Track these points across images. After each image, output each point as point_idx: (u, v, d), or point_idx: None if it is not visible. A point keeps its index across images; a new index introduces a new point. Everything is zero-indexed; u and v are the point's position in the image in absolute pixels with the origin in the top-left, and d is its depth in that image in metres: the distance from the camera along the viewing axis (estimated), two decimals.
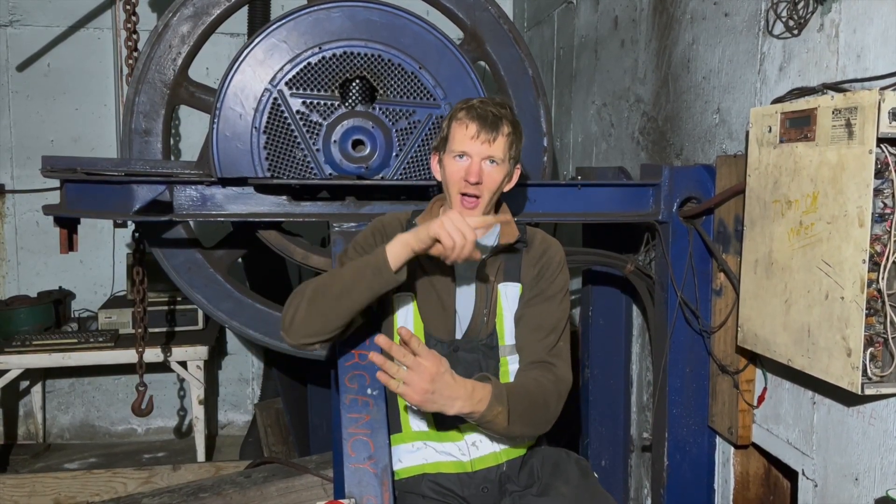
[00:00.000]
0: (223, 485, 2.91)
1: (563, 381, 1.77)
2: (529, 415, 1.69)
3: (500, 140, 1.71)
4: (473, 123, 1.70)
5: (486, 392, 1.59)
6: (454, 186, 1.73)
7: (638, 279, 2.55)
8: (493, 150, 1.70)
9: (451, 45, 2.28)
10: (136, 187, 2.11)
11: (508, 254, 1.83)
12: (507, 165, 1.75)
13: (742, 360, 2.15)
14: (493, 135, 1.70)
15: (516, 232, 1.84)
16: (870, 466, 1.71)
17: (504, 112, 1.74)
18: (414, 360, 1.50)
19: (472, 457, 1.78)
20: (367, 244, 1.83)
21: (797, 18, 1.92)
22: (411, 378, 1.50)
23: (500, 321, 1.79)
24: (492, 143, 1.70)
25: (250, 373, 4.83)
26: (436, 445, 1.79)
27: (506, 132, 1.72)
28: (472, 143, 1.70)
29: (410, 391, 1.51)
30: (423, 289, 1.80)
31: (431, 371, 1.50)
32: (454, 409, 1.56)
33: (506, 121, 1.73)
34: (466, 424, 1.77)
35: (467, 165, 1.71)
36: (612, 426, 2.97)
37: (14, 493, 3.35)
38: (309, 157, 2.22)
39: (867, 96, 1.53)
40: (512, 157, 1.76)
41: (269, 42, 2.18)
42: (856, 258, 1.57)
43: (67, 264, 4.44)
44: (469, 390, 1.56)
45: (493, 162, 1.71)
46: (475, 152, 1.70)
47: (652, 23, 2.80)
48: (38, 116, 4.44)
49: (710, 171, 2.28)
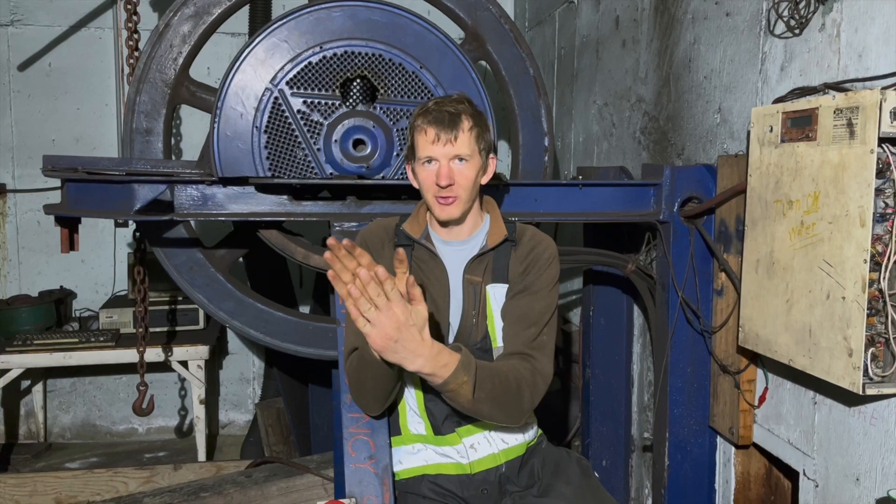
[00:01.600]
0: (224, 484, 2.92)
1: (541, 373, 1.73)
2: (498, 395, 1.64)
3: (461, 137, 1.70)
4: (431, 128, 1.69)
5: (452, 359, 1.55)
6: (429, 192, 1.73)
7: (639, 279, 2.55)
8: (457, 148, 1.69)
9: (452, 44, 2.28)
10: (137, 187, 2.11)
11: (496, 253, 1.81)
12: (478, 159, 1.74)
13: (743, 360, 2.15)
14: (454, 133, 1.69)
15: (504, 231, 1.82)
16: (871, 467, 1.71)
17: (461, 108, 1.72)
18: (385, 303, 1.44)
19: (470, 459, 1.78)
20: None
21: (799, 18, 1.91)
22: (379, 319, 1.45)
23: (492, 323, 1.78)
24: (454, 142, 1.69)
25: (251, 372, 4.84)
26: (435, 448, 1.79)
27: (466, 127, 1.70)
28: (434, 147, 1.69)
29: (374, 334, 1.46)
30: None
31: (399, 319, 1.45)
32: (415, 366, 1.52)
33: (464, 116, 1.71)
34: (463, 428, 1.77)
35: (436, 169, 1.70)
36: (613, 426, 2.97)
37: (15, 493, 3.35)
38: (310, 157, 2.22)
39: (869, 96, 1.53)
40: (482, 149, 1.75)
41: (271, 41, 2.18)
42: (857, 258, 1.57)
43: (69, 264, 4.44)
44: (434, 352, 1.52)
45: (461, 160, 1.71)
46: (440, 154, 1.70)
47: (653, 22, 2.80)
48: (40, 116, 4.44)
49: (711, 171, 2.28)
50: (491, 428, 1.79)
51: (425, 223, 1.83)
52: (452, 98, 1.76)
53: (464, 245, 1.81)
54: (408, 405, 1.81)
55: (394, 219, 1.89)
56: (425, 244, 1.79)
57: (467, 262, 1.80)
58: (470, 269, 1.80)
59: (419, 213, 1.85)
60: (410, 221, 1.84)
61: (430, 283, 1.78)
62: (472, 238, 1.82)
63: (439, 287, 1.78)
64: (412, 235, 1.81)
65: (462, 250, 1.81)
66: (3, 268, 4.48)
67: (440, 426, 1.77)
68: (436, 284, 1.78)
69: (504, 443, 1.81)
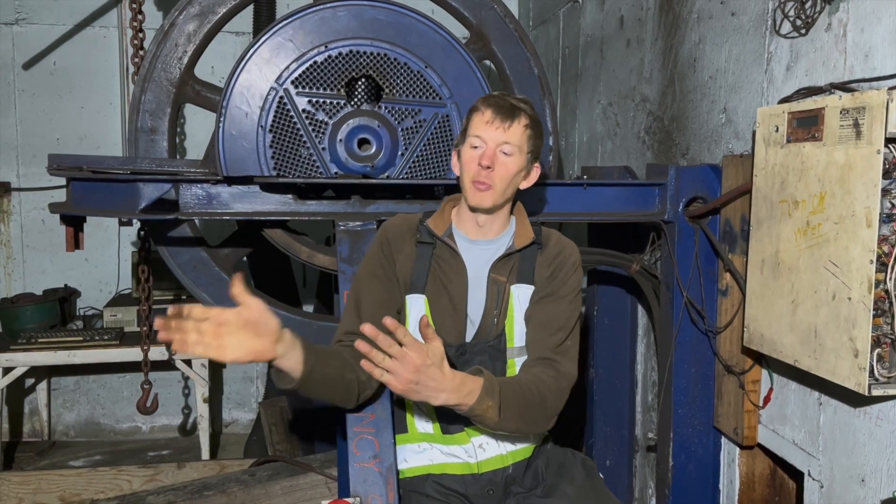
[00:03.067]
0: (227, 483, 2.91)
1: (566, 375, 1.74)
2: (524, 411, 1.65)
3: (515, 127, 1.71)
4: (490, 109, 1.72)
5: (476, 385, 1.56)
6: (467, 175, 1.73)
7: (643, 279, 2.54)
8: (507, 135, 1.71)
9: (457, 43, 2.28)
10: (141, 185, 2.11)
11: (523, 255, 1.82)
12: (524, 158, 1.75)
13: (748, 360, 2.15)
14: (509, 122, 1.71)
15: (531, 234, 1.83)
16: (876, 467, 1.70)
17: (525, 106, 1.75)
18: (399, 351, 1.46)
19: (479, 459, 1.78)
20: (376, 264, 1.81)
21: (805, 18, 1.91)
22: (395, 367, 1.46)
23: (511, 322, 1.78)
24: (507, 129, 1.70)
25: (254, 371, 4.84)
26: (441, 447, 1.79)
27: (523, 122, 1.73)
28: (486, 127, 1.71)
29: (393, 380, 1.47)
30: (436, 291, 1.79)
31: (416, 363, 1.46)
32: (439, 401, 1.53)
33: (523, 113, 1.74)
34: (472, 427, 1.76)
35: (482, 152, 1.72)
36: (617, 426, 2.97)
37: (19, 491, 3.36)
38: (314, 156, 2.22)
39: (875, 96, 1.53)
40: (529, 150, 1.76)
41: (276, 41, 2.18)
42: (863, 259, 1.56)
43: (73, 262, 4.45)
44: (457, 383, 1.53)
45: (507, 153, 1.72)
46: (490, 138, 1.71)
47: (658, 22, 2.80)
48: (44, 115, 4.45)
49: (716, 171, 2.27)
50: None
51: (450, 221, 1.84)
52: (519, 97, 1.80)
53: (490, 244, 1.82)
54: (414, 405, 1.81)
55: (416, 214, 1.90)
56: (448, 242, 1.80)
57: (493, 261, 1.80)
58: (496, 269, 1.80)
59: (444, 210, 1.86)
60: (435, 218, 1.85)
61: (448, 282, 1.79)
62: (498, 238, 1.83)
63: (458, 285, 1.79)
64: (436, 232, 1.81)
65: (487, 249, 1.82)
66: (7, 266, 4.49)
67: (449, 425, 1.77)
68: (454, 282, 1.79)
69: (513, 444, 1.81)
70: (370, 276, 1.81)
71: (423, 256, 1.80)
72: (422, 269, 1.79)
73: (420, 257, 1.80)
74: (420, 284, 1.78)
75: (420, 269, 1.79)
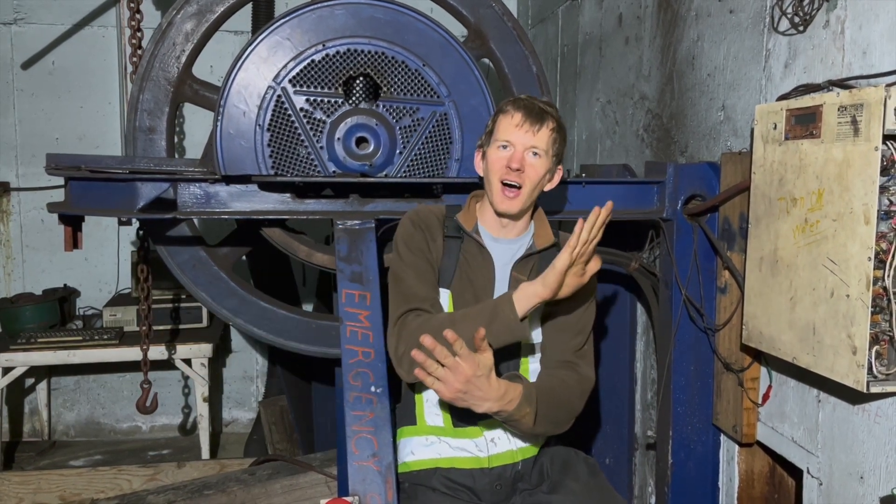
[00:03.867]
0: (227, 482, 2.92)
1: (587, 379, 1.82)
2: (554, 414, 1.74)
3: (543, 132, 1.74)
4: (519, 113, 1.74)
5: (516, 393, 1.64)
6: (495, 175, 1.76)
7: (642, 277, 2.54)
8: (536, 139, 1.73)
9: (455, 42, 2.28)
10: (140, 185, 2.11)
11: (542, 256, 1.85)
12: (550, 161, 1.78)
13: (747, 357, 2.15)
14: (538, 126, 1.74)
15: (551, 235, 1.88)
16: (875, 465, 1.70)
17: (552, 109, 1.79)
18: (453, 361, 1.53)
19: (490, 453, 1.80)
20: (414, 241, 1.84)
21: (803, 15, 1.91)
22: (447, 377, 1.54)
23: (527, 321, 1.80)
24: (535, 133, 1.73)
25: (255, 370, 4.84)
26: (451, 441, 1.80)
27: (551, 126, 1.76)
28: (516, 131, 1.73)
29: (444, 389, 1.56)
30: (461, 285, 1.82)
31: (467, 374, 1.54)
32: (483, 409, 1.61)
33: (551, 117, 1.77)
34: (485, 421, 1.78)
35: (510, 154, 1.74)
36: (617, 424, 2.97)
37: (19, 490, 3.37)
38: (312, 155, 2.22)
39: (873, 93, 1.52)
40: (555, 153, 1.79)
41: (273, 39, 2.17)
42: (861, 256, 1.56)
43: (72, 262, 4.45)
44: (501, 392, 1.60)
45: (536, 154, 1.75)
46: (518, 141, 1.74)
47: (657, 19, 2.80)
48: (43, 114, 4.45)
49: (714, 169, 2.27)
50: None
51: (475, 217, 1.86)
52: (544, 100, 1.83)
53: (512, 244, 1.86)
54: (426, 398, 1.82)
55: (440, 207, 1.93)
56: (476, 237, 1.83)
57: (515, 260, 1.83)
58: (517, 268, 1.84)
59: (469, 206, 1.89)
60: (464, 213, 1.88)
61: (475, 277, 1.82)
62: (519, 238, 1.87)
63: (485, 281, 1.81)
64: (465, 227, 1.84)
65: (509, 249, 1.85)
66: (7, 266, 4.49)
67: (460, 420, 1.79)
68: (481, 278, 1.82)
69: (522, 441, 1.84)
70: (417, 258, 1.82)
71: (451, 251, 1.84)
72: (450, 262, 1.83)
73: (448, 251, 1.84)
74: (447, 278, 1.82)
75: (448, 262, 1.83)
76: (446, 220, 1.88)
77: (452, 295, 1.81)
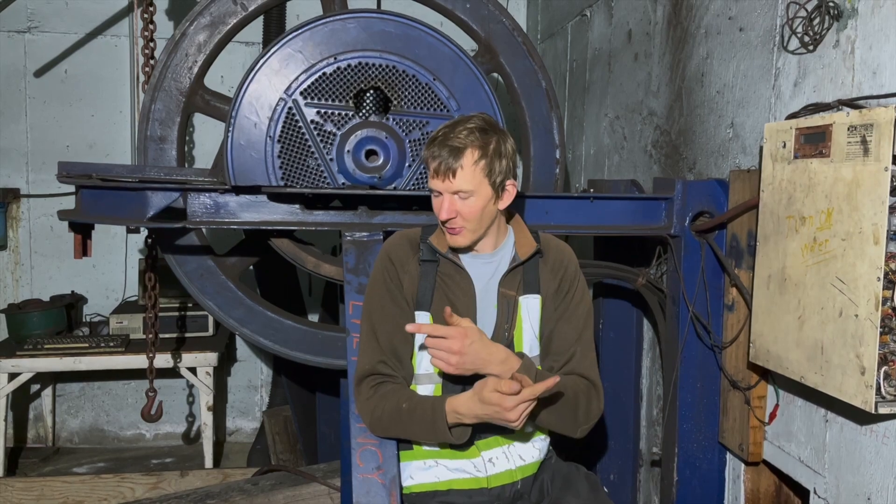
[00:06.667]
0: (230, 491, 2.91)
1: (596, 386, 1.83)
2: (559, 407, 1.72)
3: (461, 174, 1.65)
4: (435, 161, 1.67)
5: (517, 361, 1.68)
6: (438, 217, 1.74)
7: (649, 293, 2.54)
8: (458, 183, 1.66)
9: (465, 56, 2.29)
10: (150, 194, 2.13)
11: (526, 266, 1.83)
12: (486, 190, 1.69)
13: (754, 375, 2.14)
14: (456, 167, 1.65)
15: (533, 244, 1.83)
16: (882, 486, 1.69)
17: (469, 139, 1.66)
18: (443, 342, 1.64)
19: (488, 473, 1.78)
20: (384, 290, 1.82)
21: (812, 34, 1.91)
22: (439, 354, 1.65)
23: (519, 333, 1.79)
24: (452, 178, 1.65)
25: (259, 380, 4.84)
26: (448, 463, 1.78)
27: (469, 162, 1.65)
28: (436, 181, 1.69)
29: (443, 364, 1.65)
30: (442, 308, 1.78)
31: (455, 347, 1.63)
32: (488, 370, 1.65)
33: (469, 150, 1.65)
34: (483, 441, 1.77)
35: (440, 202, 1.71)
36: (621, 440, 2.96)
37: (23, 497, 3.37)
38: (322, 167, 2.23)
39: (883, 113, 1.53)
40: (493, 179, 1.68)
41: (285, 52, 2.19)
42: (870, 275, 1.56)
43: (80, 269, 4.47)
44: (503, 356, 1.66)
45: (463, 197, 1.68)
46: (442, 188, 1.69)
47: (666, 36, 2.81)
48: (55, 122, 4.48)
49: (723, 186, 2.27)
50: (509, 443, 1.80)
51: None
52: (467, 125, 1.69)
53: (490, 259, 1.82)
54: None
55: (416, 230, 1.89)
56: (451, 259, 1.80)
57: (501, 276, 1.81)
58: (504, 283, 1.81)
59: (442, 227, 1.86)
60: (437, 235, 1.84)
61: (456, 298, 1.79)
62: (497, 252, 1.83)
63: (466, 300, 1.79)
64: (439, 249, 1.81)
65: (489, 264, 1.82)
66: (15, 272, 4.51)
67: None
68: (462, 298, 1.79)
69: (521, 459, 1.82)
70: (383, 302, 1.81)
71: (427, 274, 1.80)
72: (427, 287, 1.80)
73: (424, 276, 1.80)
74: (426, 302, 1.79)
75: (425, 287, 1.80)
76: (421, 243, 1.83)
77: (433, 318, 1.78)
